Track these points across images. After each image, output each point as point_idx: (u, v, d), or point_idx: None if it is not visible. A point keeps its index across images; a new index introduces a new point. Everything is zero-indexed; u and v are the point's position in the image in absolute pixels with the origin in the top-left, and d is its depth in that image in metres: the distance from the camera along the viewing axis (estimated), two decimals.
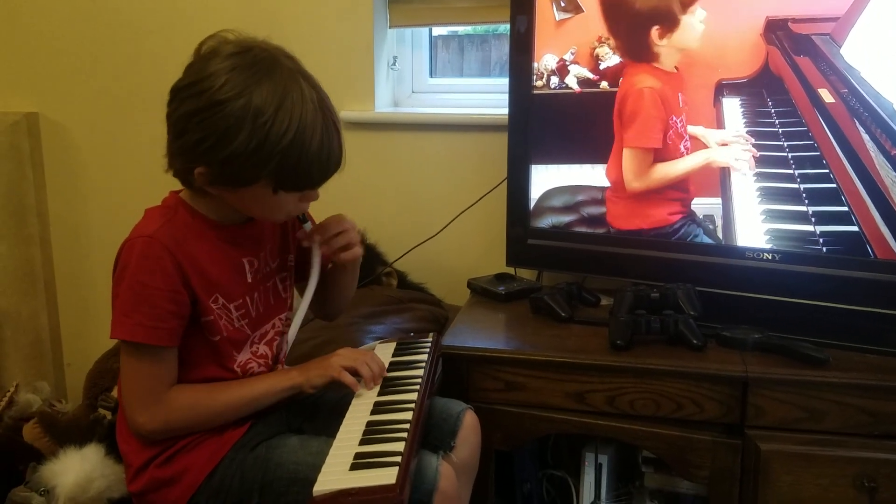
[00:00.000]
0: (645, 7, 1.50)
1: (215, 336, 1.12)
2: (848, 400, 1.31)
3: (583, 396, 1.42)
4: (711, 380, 1.35)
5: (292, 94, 1.02)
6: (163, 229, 1.07)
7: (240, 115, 1.00)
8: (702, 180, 1.55)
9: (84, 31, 2.10)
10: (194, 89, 1.02)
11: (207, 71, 1.02)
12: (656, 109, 1.56)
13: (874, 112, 1.37)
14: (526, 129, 1.66)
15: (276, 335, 1.22)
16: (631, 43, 1.55)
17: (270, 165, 1.02)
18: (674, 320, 1.42)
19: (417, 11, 1.98)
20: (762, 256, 1.49)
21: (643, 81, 1.56)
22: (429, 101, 2.10)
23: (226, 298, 1.12)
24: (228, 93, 1.00)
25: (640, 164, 1.58)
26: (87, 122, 2.15)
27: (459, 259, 1.97)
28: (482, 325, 1.61)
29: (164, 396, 1.07)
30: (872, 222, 1.40)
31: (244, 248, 1.16)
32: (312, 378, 1.14)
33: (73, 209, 2.20)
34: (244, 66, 1.02)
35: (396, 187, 2.01)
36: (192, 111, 1.02)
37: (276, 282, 1.22)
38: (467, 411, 1.27)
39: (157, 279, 1.04)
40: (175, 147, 1.06)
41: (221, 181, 1.05)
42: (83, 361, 1.95)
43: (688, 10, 1.48)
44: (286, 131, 1.01)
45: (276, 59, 1.04)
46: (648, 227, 1.61)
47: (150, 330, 1.04)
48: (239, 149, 1.00)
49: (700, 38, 1.50)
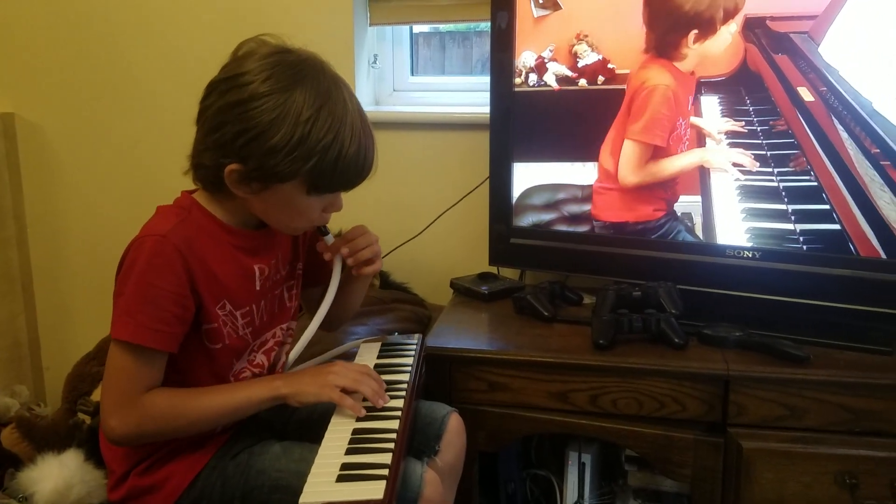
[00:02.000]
0: (692, 11, 1.49)
1: (216, 344, 1.09)
2: (828, 397, 1.32)
3: (566, 396, 1.42)
4: (693, 378, 1.36)
5: (335, 95, 1.03)
6: (176, 230, 1.04)
7: (284, 110, 0.99)
8: (684, 178, 1.56)
9: (61, 31, 2.07)
10: (234, 83, 1.01)
11: (248, 67, 1.02)
12: (667, 108, 1.54)
13: (853, 110, 1.38)
14: (507, 128, 1.66)
15: (276, 345, 1.21)
16: (664, 40, 1.53)
17: (310, 163, 1.01)
18: (655, 319, 1.42)
19: (398, 9, 1.97)
20: (743, 254, 1.50)
21: (659, 77, 1.54)
22: (410, 99, 2.09)
23: (233, 305, 1.10)
24: (273, 87, 1.00)
25: (639, 158, 1.58)
26: (64, 123, 2.12)
27: (442, 258, 1.96)
28: (465, 325, 1.60)
29: (139, 400, 1.03)
30: (854, 220, 1.40)
31: (256, 254, 1.14)
32: (303, 394, 1.08)
33: (51, 211, 2.17)
34: (287, 64, 1.02)
35: (378, 187, 1.97)
36: (233, 103, 1.00)
37: (283, 290, 1.21)
38: (452, 414, 1.26)
39: (165, 280, 1.02)
40: (209, 141, 1.03)
41: (255, 178, 1.03)
42: (62, 365, 1.93)
43: (728, 21, 1.48)
44: (328, 130, 1.01)
45: (318, 63, 1.06)
46: (634, 220, 1.61)
47: (153, 333, 1.02)
48: (281, 143, 0.99)
49: (723, 48, 1.49)
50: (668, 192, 1.58)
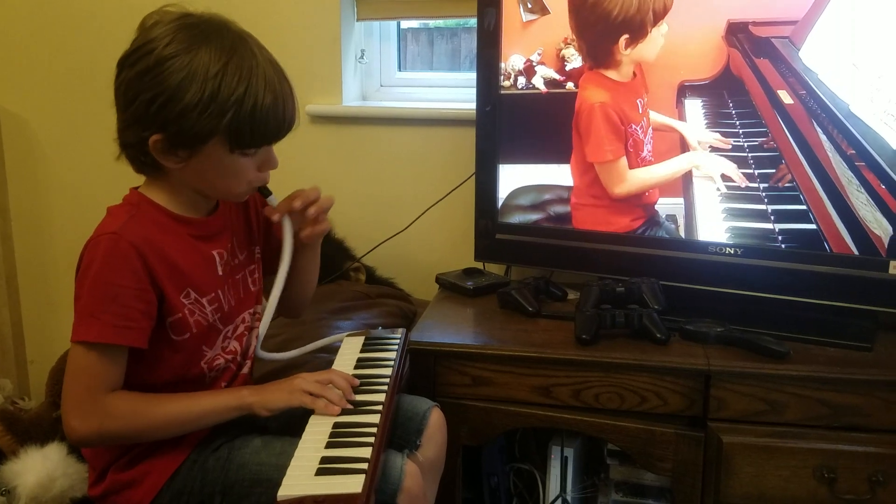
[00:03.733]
0: (621, 15, 1.51)
1: (183, 335, 1.09)
2: (808, 392, 1.33)
3: (549, 390, 1.43)
4: (674, 373, 1.37)
5: (241, 49, 1.03)
6: (129, 225, 1.04)
7: (190, 69, 0.99)
8: (680, 175, 1.58)
9: (46, 24, 2.06)
10: (139, 53, 1.02)
11: (151, 35, 1.02)
12: (609, 124, 1.57)
13: (831, 113, 1.39)
14: (494, 124, 1.66)
15: (246, 330, 1.20)
16: (597, 48, 1.56)
17: (226, 118, 1.00)
18: (638, 314, 1.43)
19: (385, 5, 1.96)
20: (725, 251, 1.51)
21: (593, 96, 1.58)
22: (397, 94, 2.09)
23: (198, 293, 1.10)
24: (177, 48, 1.00)
25: (613, 173, 1.60)
26: (49, 117, 2.11)
27: (428, 254, 1.97)
28: (450, 320, 1.61)
29: (101, 401, 1.02)
30: (829, 219, 1.42)
31: (213, 240, 1.14)
32: (269, 401, 1.09)
33: (36, 204, 2.16)
34: (189, 25, 1.03)
35: (364, 182, 2.00)
36: (140, 72, 1.01)
37: (245, 275, 1.21)
38: (433, 409, 1.26)
39: (125, 277, 1.02)
40: (127, 117, 1.04)
41: (177, 144, 1.02)
42: (46, 358, 1.92)
43: (657, 24, 1.50)
44: (238, 82, 1.01)
45: (222, 21, 1.05)
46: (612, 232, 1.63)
47: (118, 330, 1.01)
48: (192, 101, 0.99)
49: (658, 51, 1.52)
50: (644, 198, 1.60)
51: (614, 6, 1.51)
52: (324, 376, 1.14)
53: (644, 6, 1.49)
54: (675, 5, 1.48)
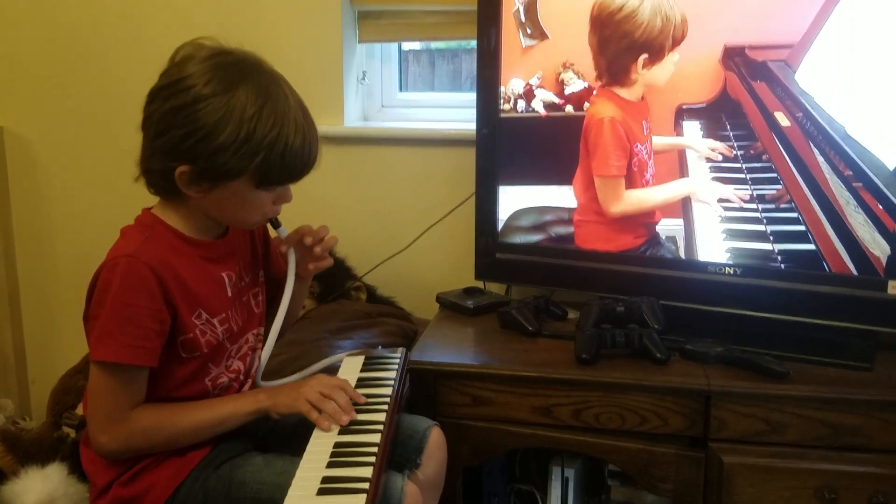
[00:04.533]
0: (644, 35, 1.53)
1: (194, 353, 1.11)
2: (808, 413, 1.33)
3: (549, 410, 1.43)
4: (675, 393, 1.37)
5: (275, 92, 1.05)
6: (144, 247, 1.06)
7: (228, 109, 1.01)
8: (677, 200, 1.59)
9: (49, 44, 2.08)
10: (177, 87, 1.03)
11: (187, 71, 1.03)
12: (617, 139, 1.59)
13: (827, 135, 1.40)
14: (493, 144, 1.68)
15: (249, 350, 1.22)
16: (614, 65, 1.58)
17: (258, 158, 1.03)
18: (638, 334, 1.43)
19: (386, 27, 1.99)
20: (724, 271, 1.52)
21: (604, 111, 1.60)
22: (398, 115, 2.11)
23: (209, 313, 1.12)
24: (214, 88, 1.02)
25: (611, 190, 1.62)
26: (52, 136, 2.13)
27: (429, 273, 1.98)
28: (450, 339, 1.61)
29: (127, 417, 1.06)
30: (828, 239, 1.43)
31: (222, 263, 1.16)
32: (280, 406, 1.13)
33: (38, 224, 2.18)
34: (226, 65, 1.04)
35: (366, 201, 2.01)
36: (177, 107, 1.02)
37: (250, 297, 1.23)
38: (433, 428, 1.27)
39: (141, 299, 1.04)
40: (155, 146, 1.05)
41: (205, 178, 1.04)
42: (48, 378, 1.92)
43: (674, 49, 1.53)
44: (273, 125, 1.03)
45: (257, 61, 1.08)
46: (615, 250, 1.64)
47: (135, 350, 1.04)
48: (227, 141, 1.01)
49: (668, 78, 1.54)
50: (647, 217, 1.61)
51: (638, 27, 1.53)
52: (332, 385, 1.15)
53: (665, 30, 1.52)
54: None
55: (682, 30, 1.51)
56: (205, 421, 1.10)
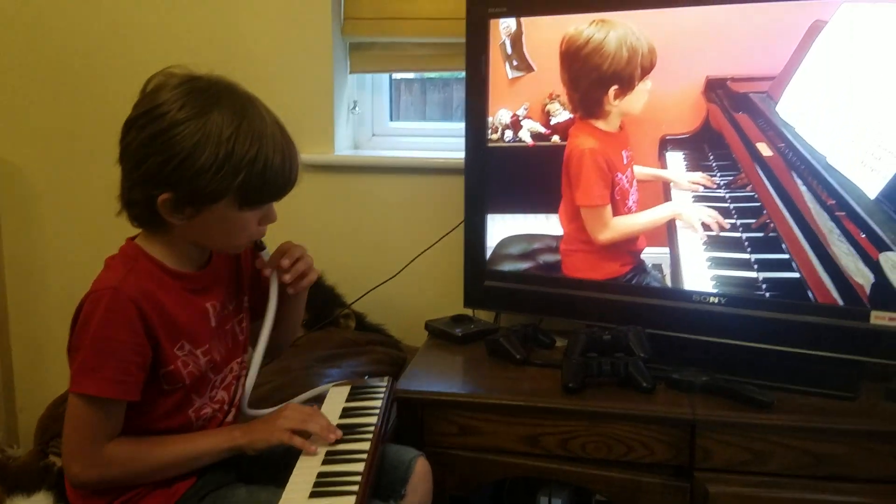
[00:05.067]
0: (611, 68, 1.57)
1: (176, 385, 1.11)
2: (792, 442, 1.34)
3: (536, 440, 1.43)
4: (660, 422, 1.38)
5: (251, 111, 1.05)
6: (128, 280, 1.06)
7: (204, 131, 1.01)
8: (651, 231, 1.61)
9: (42, 73, 2.10)
10: (151, 115, 1.03)
11: (161, 99, 1.03)
12: (598, 170, 1.61)
13: (809, 164, 1.43)
14: (482, 171, 1.70)
15: (234, 379, 1.22)
16: (587, 98, 1.61)
17: (238, 178, 1.03)
18: (624, 363, 1.44)
19: (377, 58, 2.02)
20: (709, 300, 1.53)
21: (584, 143, 1.62)
22: (389, 143, 2.14)
23: (192, 345, 1.12)
24: (189, 112, 1.02)
25: (598, 219, 1.64)
26: (44, 165, 2.14)
27: (418, 300, 1.99)
28: (438, 368, 1.62)
29: (102, 449, 1.06)
30: (812, 268, 1.44)
31: (206, 293, 1.16)
32: (256, 441, 1.12)
33: (28, 252, 2.18)
34: (199, 89, 1.04)
35: (355, 229, 2.03)
36: (153, 134, 1.02)
37: (234, 324, 1.23)
38: (419, 459, 1.26)
39: (123, 332, 1.04)
40: (135, 177, 1.05)
41: (187, 202, 1.05)
42: (36, 406, 1.91)
43: (643, 79, 1.56)
44: (250, 144, 1.03)
45: (229, 84, 1.08)
46: (602, 278, 1.65)
47: (117, 384, 1.04)
48: (207, 163, 1.01)
49: (643, 106, 1.57)
50: (632, 244, 1.63)
51: (605, 59, 1.56)
52: (309, 412, 1.16)
53: (633, 61, 1.55)
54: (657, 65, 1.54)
55: (651, 59, 1.54)
56: (179, 456, 1.10)
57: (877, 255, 1.39)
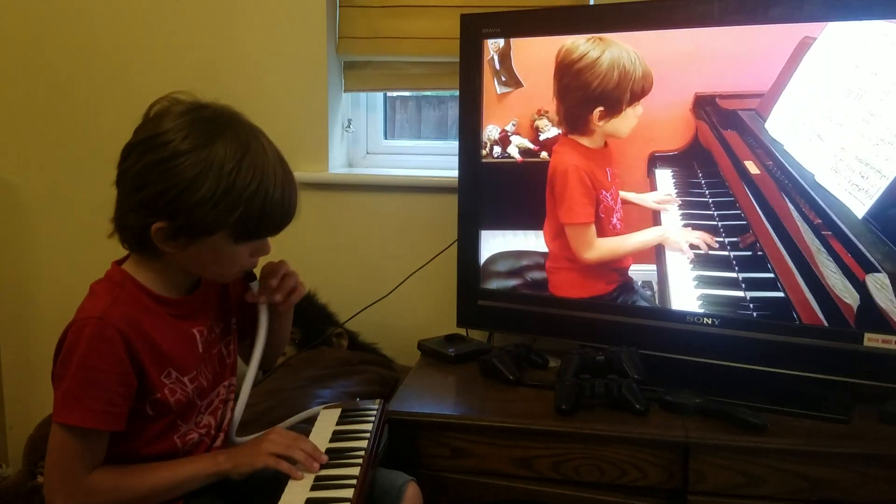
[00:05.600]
0: (599, 88, 1.57)
1: (163, 412, 1.09)
2: (786, 466, 1.33)
3: (529, 462, 1.42)
4: (653, 445, 1.37)
5: (254, 145, 1.04)
6: (113, 308, 1.04)
7: (206, 164, 1.00)
8: (649, 247, 1.60)
9: (38, 91, 2.10)
10: (153, 143, 1.02)
11: (164, 127, 1.02)
12: (583, 187, 1.61)
13: (797, 183, 1.43)
14: (475, 192, 1.70)
15: (221, 403, 1.21)
16: (572, 114, 1.61)
17: (236, 213, 1.02)
18: (617, 385, 1.43)
19: (372, 77, 2.02)
20: (702, 321, 1.53)
21: (568, 159, 1.62)
22: (383, 161, 2.14)
23: (179, 372, 1.11)
24: (192, 143, 1.01)
25: (582, 237, 1.63)
26: (37, 182, 2.14)
27: (412, 319, 1.98)
28: (430, 388, 1.61)
29: (84, 480, 1.04)
30: (798, 288, 1.44)
31: (193, 318, 1.15)
32: (241, 466, 1.10)
33: (21, 269, 2.17)
34: (203, 119, 1.04)
35: (349, 247, 2.02)
36: (153, 162, 1.01)
37: (221, 347, 1.21)
38: (409, 484, 1.25)
39: (107, 363, 1.02)
40: (131, 203, 1.04)
41: (182, 233, 1.04)
42: (26, 425, 1.90)
43: (633, 104, 1.55)
44: (252, 179, 1.02)
45: (234, 115, 1.07)
46: (587, 296, 1.64)
47: (101, 415, 1.02)
48: (206, 196, 1.00)
49: (630, 130, 1.57)
50: (618, 262, 1.62)
51: (595, 78, 1.56)
52: (294, 436, 1.15)
53: (623, 84, 1.54)
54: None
55: (643, 84, 1.53)
56: (163, 484, 1.08)
57: (863, 275, 1.39)
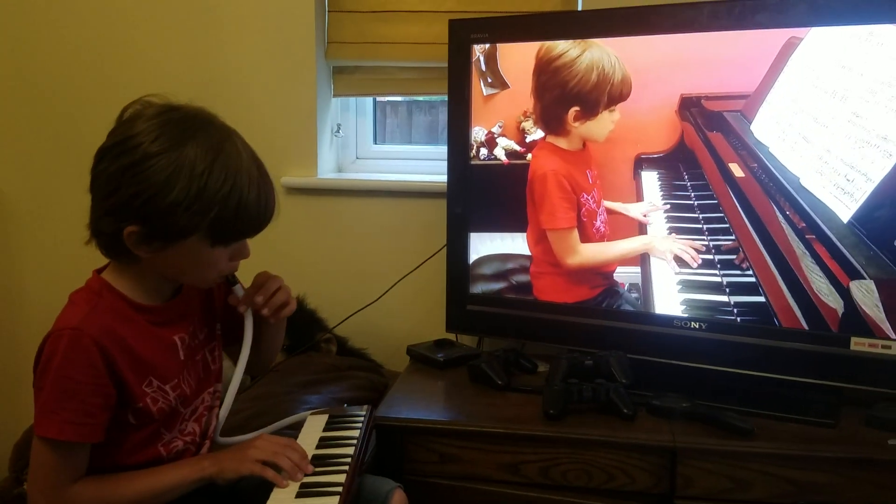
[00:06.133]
0: (576, 88, 1.56)
1: (145, 421, 1.08)
2: (772, 470, 1.33)
3: (517, 468, 1.42)
4: (641, 450, 1.37)
5: (227, 146, 1.03)
6: (90, 319, 1.03)
7: (177, 166, 0.99)
8: (633, 256, 1.61)
9: (24, 97, 2.09)
10: (125, 146, 1.00)
11: (136, 129, 1.01)
12: (562, 191, 1.61)
13: (782, 186, 1.43)
14: (465, 192, 1.70)
15: (205, 410, 1.20)
16: (547, 113, 1.61)
17: (210, 215, 1.01)
18: (605, 389, 1.43)
19: (361, 82, 2.02)
20: (690, 325, 1.53)
21: (545, 164, 1.62)
22: (372, 166, 2.14)
23: (160, 380, 1.09)
24: (163, 145, 0.99)
25: (564, 242, 1.63)
26: (24, 186, 2.13)
27: (401, 324, 1.98)
28: (419, 394, 1.60)
29: (67, 492, 1.03)
30: (781, 293, 1.44)
31: (174, 326, 1.14)
32: (226, 471, 1.09)
33: (8, 273, 2.16)
34: (175, 121, 1.02)
35: (338, 252, 2.02)
36: (125, 166, 1.00)
37: (206, 353, 1.20)
38: (396, 491, 1.24)
39: (84, 374, 1.01)
40: (105, 206, 1.03)
41: (156, 237, 1.02)
42: (12, 432, 1.88)
43: (609, 108, 1.55)
44: (224, 180, 1.00)
45: (206, 116, 1.05)
46: (572, 301, 1.64)
47: (78, 427, 1.01)
48: (178, 198, 0.99)
49: (606, 135, 1.56)
50: (602, 267, 1.62)
51: (573, 77, 1.56)
52: (282, 443, 1.14)
53: (601, 87, 1.54)
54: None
55: (622, 89, 1.53)
56: (147, 492, 1.07)
57: (847, 281, 1.39)
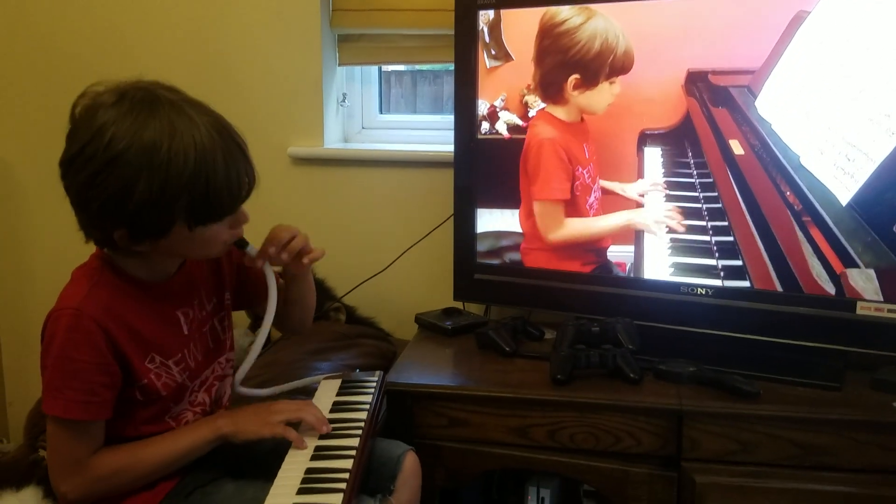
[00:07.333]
0: (578, 55, 1.54)
1: (152, 397, 1.09)
2: (778, 432, 1.35)
3: (525, 431, 1.44)
4: (647, 413, 1.38)
5: (180, 123, 0.98)
6: (90, 298, 1.03)
7: (135, 164, 0.96)
8: (617, 232, 1.61)
9: (33, 67, 2.09)
10: (84, 156, 0.98)
11: (91, 132, 0.98)
12: (559, 160, 1.60)
13: (780, 164, 1.42)
14: (471, 162, 1.70)
15: (216, 380, 1.21)
16: (546, 80, 1.59)
17: (180, 203, 0.98)
18: (612, 354, 1.45)
19: (366, 50, 2.01)
20: (696, 291, 1.54)
21: (542, 133, 1.60)
22: (379, 136, 2.13)
23: (163, 356, 1.10)
24: (118, 145, 0.96)
25: (552, 217, 1.62)
26: (32, 159, 2.13)
27: (409, 293, 1.99)
28: (428, 360, 1.62)
29: (86, 466, 1.04)
30: (769, 278, 1.46)
31: (177, 300, 1.14)
32: (244, 432, 1.10)
33: (17, 245, 2.17)
34: (123, 113, 0.98)
35: (345, 222, 2.02)
36: (89, 177, 0.98)
37: (214, 323, 1.20)
38: (408, 454, 1.26)
39: (85, 353, 1.01)
40: (85, 220, 1.02)
41: (143, 235, 1.01)
42: (25, 400, 1.92)
43: (610, 79, 1.53)
44: (185, 163, 0.97)
45: (154, 95, 1.00)
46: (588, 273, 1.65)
47: (83, 405, 1.02)
48: (143, 197, 0.97)
49: (606, 108, 1.55)
50: (596, 243, 1.62)
51: (574, 44, 1.53)
52: (301, 404, 1.16)
53: (603, 56, 1.52)
54: (635, 53, 1.51)
55: (624, 61, 1.51)
56: (166, 457, 1.08)
57: (841, 268, 1.40)
